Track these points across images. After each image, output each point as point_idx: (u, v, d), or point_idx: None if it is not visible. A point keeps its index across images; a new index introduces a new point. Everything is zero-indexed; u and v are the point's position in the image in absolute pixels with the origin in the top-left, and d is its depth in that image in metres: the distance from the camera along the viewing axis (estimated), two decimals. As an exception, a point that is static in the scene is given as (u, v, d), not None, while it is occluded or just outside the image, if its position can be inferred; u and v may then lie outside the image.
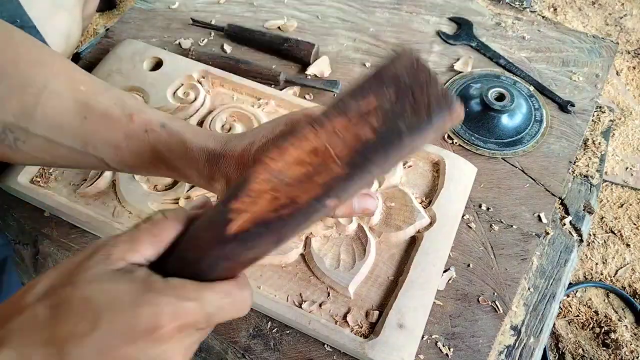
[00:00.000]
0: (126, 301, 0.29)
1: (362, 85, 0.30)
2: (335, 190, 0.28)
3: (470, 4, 0.86)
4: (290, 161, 0.29)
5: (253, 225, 0.29)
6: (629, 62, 1.64)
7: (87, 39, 1.76)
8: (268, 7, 0.86)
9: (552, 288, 0.61)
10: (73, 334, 0.28)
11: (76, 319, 0.28)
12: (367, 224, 0.59)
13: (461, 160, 0.64)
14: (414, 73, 0.29)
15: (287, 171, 0.29)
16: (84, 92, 0.47)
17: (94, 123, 0.47)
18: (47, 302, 0.29)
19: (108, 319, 0.28)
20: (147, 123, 0.47)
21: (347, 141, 0.29)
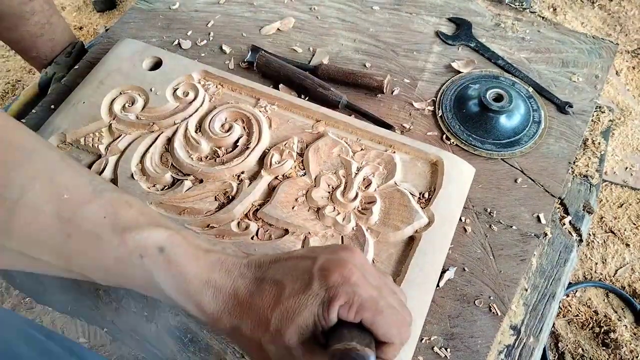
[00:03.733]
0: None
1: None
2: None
3: (470, 5, 0.86)
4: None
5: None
6: (629, 62, 1.64)
7: (87, 39, 1.76)
8: (268, 7, 0.87)
9: (552, 288, 0.61)
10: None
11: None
12: (365, 223, 0.59)
13: (459, 161, 0.64)
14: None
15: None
16: (67, 203, 0.39)
17: (79, 243, 0.40)
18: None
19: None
20: (143, 247, 0.40)
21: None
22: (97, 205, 0.40)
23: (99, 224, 0.40)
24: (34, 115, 0.75)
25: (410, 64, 0.79)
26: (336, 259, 0.39)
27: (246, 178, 0.64)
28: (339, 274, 0.37)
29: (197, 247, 0.42)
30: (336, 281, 0.37)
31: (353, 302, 0.36)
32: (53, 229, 0.39)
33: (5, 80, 1.66)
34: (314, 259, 0.39)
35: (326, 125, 0.68)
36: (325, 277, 0.37)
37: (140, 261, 0.40)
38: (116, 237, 0.40)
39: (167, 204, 0.62)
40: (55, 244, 0.39)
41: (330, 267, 0.38)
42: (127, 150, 0.66)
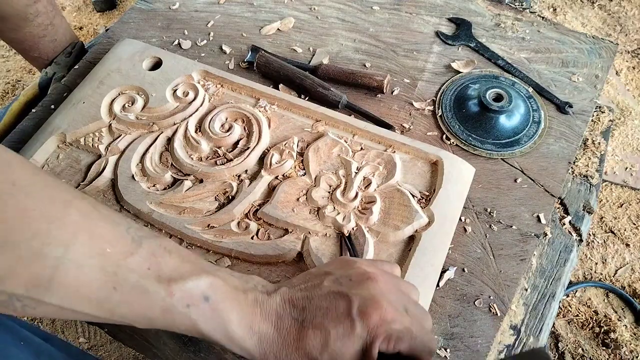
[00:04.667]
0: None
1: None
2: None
3: (470, 5, 0.86)
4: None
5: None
6: (629, 62, 1.64)
7: (87, 39, 1.76)
8: (268, 7, 0.87)
9: (552, 288, 0.61)
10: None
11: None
12: (365, 223, 0.59)
13: (459, 161, 0.64)
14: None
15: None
16: (111, 257, 0.40)
17: (125, 295, 0.40)
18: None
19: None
20: (189, 297, 0.41)
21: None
22: (140, 257, 0.41)
23: (144, 276, 0.40)
24: (34, 115, 0.75)
25: (410, 64, 0.79)
26: (370, 299, 0.42)
27: (246, 178, 0.64)
28: (377, 315, 0.41)
29: (236, 289, 0.43)
30: (376, 323, 0.41)
31: (391, 337, 0.41)
32: (97, 283, 0.39)
33: (5, 80, 1.66)
34: (349, 300, 0.42)
35: (326, 125, 0.68)
36: (365, 320, 0.41)
37: (187, 310, 0.41)
38: (162, 289, 0.40)
39: (167, 204, 0.62)
40: (100, 298, 0.39)
41: (367, 310, 0.42)
42: (127, 150, 0.66)
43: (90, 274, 0.39)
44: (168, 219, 0.60)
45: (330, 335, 0.41)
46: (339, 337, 0.41)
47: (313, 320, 0.42)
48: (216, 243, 0.59)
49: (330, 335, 0.41)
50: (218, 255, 0.59)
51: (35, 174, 0.41)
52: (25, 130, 0.74)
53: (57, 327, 1.22)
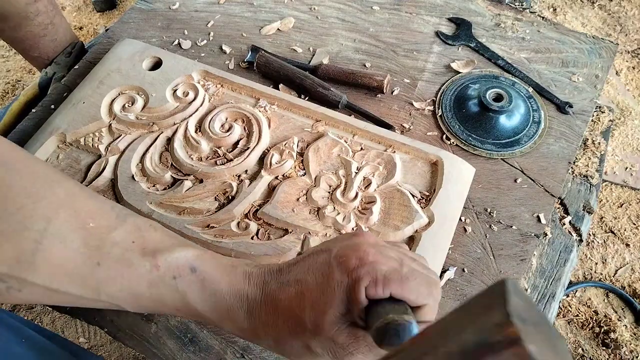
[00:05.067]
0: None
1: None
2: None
3: (470, 5, 0.86)
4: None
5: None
6: (629, 62, 1.64)
7: (87, 39, 1.76)
8: (268, 7, 0.87)
9: (552, 288, 0.61)
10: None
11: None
12: (365, 223, 0.59)
13: (459, 161, 0.64)
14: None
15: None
16: (94, 231, 0.39)
17: (110, 270, 0.39)
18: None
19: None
20: (175, 268, 0.40)
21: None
22: (124, 231, 0.40)
23: (128, 249, 0.39)
24: (34, 115, 0.75)
25: (410, 64, 0.79)
26: (349, 245, 0.40)
27: (246, 178, 0.64)
28: (355, 257, 0.38)
29: (225, 264, 0.42)
30: (354, 264, 0.38)
31: (377, 279, 0.37)
32: (81, 259, 0.38)
33: (5, 80, 1.66)
34: (329, 250, 0.40)
35: (326, 125, 0.68)
36: (343, 263, 0.38)
37: (174, 282, 0.39)
38: (148, 261, 0.39)
39: (167, 204, 0.62)
40: (84, 274, 0.38)
41: (345, 253, 0.39)
42: (127, 150, 0.66)
43: (73, 248, 0.38)
44: (168, 219, 0.60)
45: (309, 287, 0.39)
46: (317, 288, 0.38)
47: (295, 277, 0.40)
48: (216, 243, 0.59)
49: (309, 286, 0.39)
50: (218, 255, 0.59)
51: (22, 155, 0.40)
52: (25, 130, 0.73)
53: (57, 326, 1.22)
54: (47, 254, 0.37)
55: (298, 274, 0.40)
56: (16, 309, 1.26)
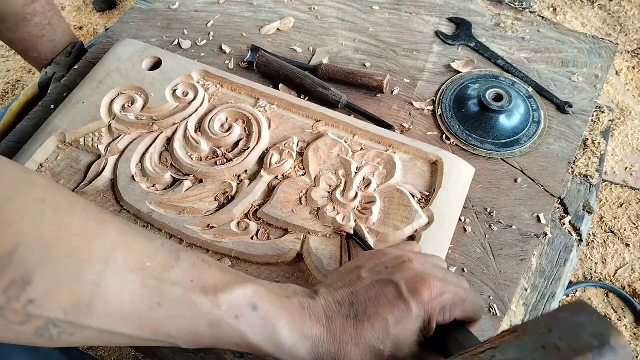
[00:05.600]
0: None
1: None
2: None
3: (469, 5, 0.86)
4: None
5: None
6: (629, 62, 1.64)
7: (87, 39, 1.76)
8: (268, 7, 0.87)
9: (552, 288, 0.61)
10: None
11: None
12: (365, 223, 0.59)
13: (459, 161, 0.64)
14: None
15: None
16: (152, 271, 0.38)
17: (170, 311, 0.37)
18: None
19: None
20: (237, 308, 0.39)
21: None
22: (181, 269, 0.39)
23: (189, 288, 0.38)
24: (34, 115, 0.75)
25: (410, 64, 0.79)
26: (415, 278, 0.43)
27: (246, 178, 0.64)
28: (427, 291, 0.42)
29: (279, 296, 0.42)
30: (429, 299, 0.41)
31: (446, 309, 0.42)
32: (140, 299, 0.37)
33: (5, 80, 1.66)
34: (396, 284, 0.42)
35: (326, 125, 0.68)
36: (418, 298, 0.41)
37: (236, 321, 0.39)
38: (209, 300, 0.38)
39: (167, 204, 0.62)
40: (143, 315, 0.37)
41: (417, 288, 0.42)
42: (126, 150, 0.66)
43: (132, 289, 0.36)
44: (168, 219, 0.60)
45: (388, 322, 0.41)
46: (397, 322, 0.41)
47: (366, 312, 0.41)
48: (216, 243, 0.59)
49: (389, 322, 0.41)
50: (218, 255, 0.59)
51: (64, 193, 0.39)
52: (25, 130, 0.73)
53: (57, 327, 1.22)
54: (105, 297, 0.35)
55: (368, 309, 0.42)
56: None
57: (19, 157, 0.66)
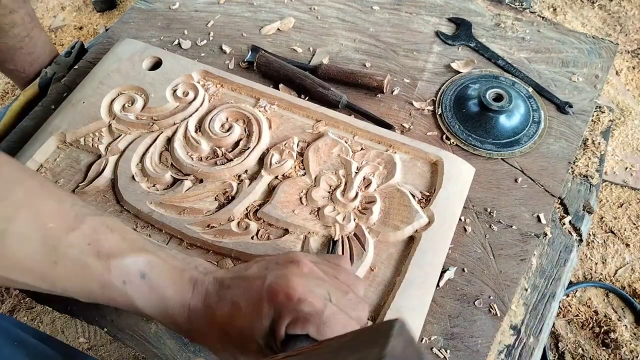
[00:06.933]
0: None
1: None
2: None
3: (469, 5, 0.86)
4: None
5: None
6: (629, 62, 1.64)
7: (87, 39, 1.76)
8: (268, 7, 0.87)
9: (552, 288, 0.61)
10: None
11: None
12: (365, 223, 0.59)
13: (459, 161, 0.64)
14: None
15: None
16: (52, 231, 0.42)
17: (65, 269, 0.42)
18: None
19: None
20: (126, 274, 0.43)
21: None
22: (81, 233, 0.43)
23: (84, 252, 0.42)
24: (34, 115, 0.75)
25: (410, 64, 0.79)
26: (282, 277, 0.42)
27: (246, 178, 0.64)
28: (283, 294, 0.41)
29: (174, 269, 0.45)
30: (281, 301, 0.41)
31: (297, 319, 0.40)
32: (39, 257, 0.41)
33: (5, 80, 1.66)
34: (264, 279, 0.43)
35: (326, 125, 0.68)
36: (271, 299, 0.41)
37: (123, 286, 0.43)
38: (101, 264, 0.42)
39: (167, 204, 0.62)
40: (41, 270, 0.42)
41: (276, 288, 0.41)
42: (127, 150, 0.66)
43: (31, 247, 0.41)
44: (168, 219, 0.60)
45: (240, 310, 0.42)
46: (247, 314, 0.41)
47: (232, 297, 0.43)
48: (216, 243, 0.59)
49: (241, 310, 0.42)
50: (218, 255, 0.59)
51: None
52: (25, 130, 0.73)
53: (57, 327, 1.22)
54: (7, 251, 0.40)
55: (234, 295, 0.43)
56: (16, 309, 1.26)
57: (19, 157, 0.66)
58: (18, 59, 0.81)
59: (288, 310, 0.40)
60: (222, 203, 0.62)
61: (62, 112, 0.70)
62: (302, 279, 0.42)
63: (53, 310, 1.15)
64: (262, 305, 0.41)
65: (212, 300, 0.43)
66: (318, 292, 0.42)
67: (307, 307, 0.40)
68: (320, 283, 0.43)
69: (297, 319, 0.40)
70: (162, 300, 0.43)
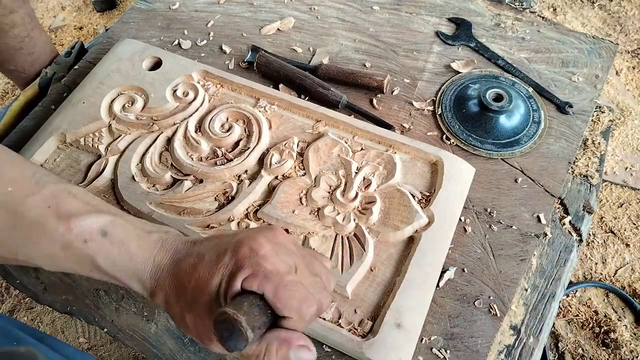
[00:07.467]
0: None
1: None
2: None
3: (469, 5, 0.86)
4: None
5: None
6: (629, 62, 1.64)
7: (87, 39, 1.76)
8: (268, 7, 0.87)
9: (552, 288, 0.61)
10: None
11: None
12: (365, 223, 0.59)
13: (459, 161, 0.64)
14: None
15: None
16: (11, 196, 0.42)
17: (25, 232, 0.42)
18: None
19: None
20: (87, 232, 0.42)
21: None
22: (41, 196, 0.42)
23: (43, 214, 0.42)
24: (34, 115, 0.75)
25: (410, 64, 0.79)
26: (252, 234, 0.41)
27: (246, 178, 0.64)
28: (248, 247, 0.40)
29: (141, 229, 0.44)
30: (245, 253, 0.39)
31: (257, 273, 0.38)
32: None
33: (5, 80, 1.66)
34: (235, 235, 0.42)
35: (326, 125, 0.68)
36: (236, 250, 0.40)
37: (85, 245, 0.42)
38: (61, 225, 0.42)
39: (167, 204, 0.62)
40: (1, 235, 0.42)
41: (243, 240, 0.40)
42: (127, 150, 0.66)
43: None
44: (168, 220, 0.60)
45: (203, 260, 0.41)
46: (208, 263, 0.40)
47: (199, 250, 0.42)
48: (216, 243, 0.59)
49: (203, 260, 0.41)
50: (218, 255, 0.59)
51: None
52: (25, 130, 0.74)
53: (57, 327, 1.22)
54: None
55: (202, 248, 0.42)
56: (16, 309, 1.26)
57: (19, 157, 0.66)
58: (18, 60, 0.81)
59: (249, 264, 0.39)
60: (222, 203, 0.62)
61: (62, 112, 0.70)
62: (272, 243, 0.41)
63: (53, 310, 1.16)
64: (224, 255, 0.40)
65: (181, 255, 0.42)
66: (284, 259, 0.41)
67: (269, 265, 0.39)
68: (290, 254, 0.42)
69: (256, 274, 0.38)
70: (125, 256, 0.42)
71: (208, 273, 0.40)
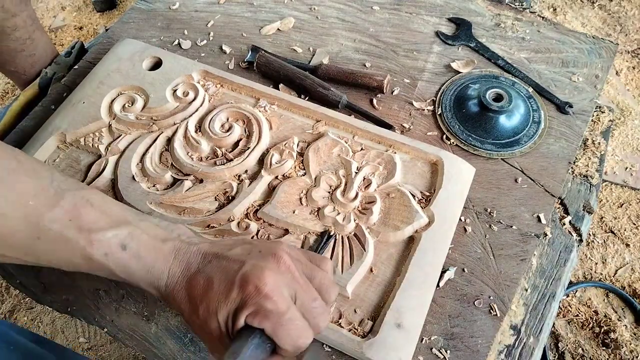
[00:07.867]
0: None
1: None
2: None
3: (469, 5, 0.86)
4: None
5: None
6: (629, 62, 1.64)
7: (87, 39, 1.76)
8: (268, 7, 0.87)
9: (552, 288, 0.61)
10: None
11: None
12: (365, 223, 0.59)
13: (459, 161, 0.64)
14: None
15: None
16: (33, 209, 0.43)
17: (48, 244, 0.44)
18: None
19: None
20: (106, 246, 0.45)
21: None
22: (61, 209, 0.44)
23: (65, 227, 0.44)
24: (34, 115, 0.75)
25: (410, 64, 0.79)
26: (258, 268, 0.43)
27: (246, 178, 0.64)
28: (253, 285, 0.42)
29: (156, 238, 0.47)
30: (250, 292, 0.42)
31: (259, 312, 0.42)
32: (22, 233, 0.43)
33: (5, 80, 1.66)
34: (242, 264, 0.44)
35: (326, 125, 0.68)
36: (242, 286, 0.42)
37: (105, 258, 0.45)
38: (82, 238, 0.44)
39: (167, 204, 0.62)
40: (25, 245, 0.44)
41: (249, 277, 0.43)
42: (127, 150, 0.66)
43: (14, 225, 0.43)
44: (168, 219, 0.60)
45: (213, 287, 0.43)
46: (217, 293, 0.43)
47: (209, 272, 0.44)
48: (216, 243, 0.59)
49: (213, 288, 0.43)
50: (218, 255, 0.59)
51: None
52: (25, 130, 0.74)
53: (57, 327, 1.22)
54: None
55: (212, 271, 0.45)
56: (16, 309, 1.26)
57: (19, 157, 0.66)
58: (19, 61, 0.81)
59: (253, 302, 0.42)
60: (222, 203, 0.62)
61: (62, 112, 0.70)
62: (276, 275, 0.43)
63: (53, 310, 1.16)
64: (232, 289, 0.43)
65: (192, 271, 0.45)
66: (286, 292, 0.43)
67: (270, 305, 0.42)
68: (291, 283, 0.44)
69: (257, 312, 0.42)
70: (143, 269, 0.45)
71: (217, 304, 0.43)
